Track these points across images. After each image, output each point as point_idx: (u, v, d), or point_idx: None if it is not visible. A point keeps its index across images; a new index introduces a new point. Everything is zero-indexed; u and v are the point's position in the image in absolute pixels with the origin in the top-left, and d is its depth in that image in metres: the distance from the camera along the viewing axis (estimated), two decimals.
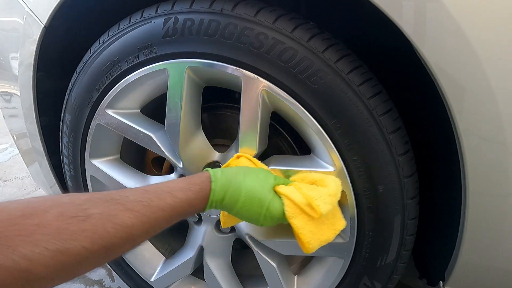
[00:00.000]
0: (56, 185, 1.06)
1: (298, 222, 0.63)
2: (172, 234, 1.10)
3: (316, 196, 0.62)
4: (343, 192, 0.67)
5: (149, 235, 0.54)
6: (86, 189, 0.96)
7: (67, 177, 0.98)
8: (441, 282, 0.74)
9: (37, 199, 0.46)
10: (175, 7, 0.69)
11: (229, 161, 0.72)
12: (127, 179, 0.90)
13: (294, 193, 0.63)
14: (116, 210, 0.49)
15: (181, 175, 0.86)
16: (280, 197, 0.64)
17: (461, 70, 0.53)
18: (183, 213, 0.58)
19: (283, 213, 0.63)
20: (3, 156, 2.62)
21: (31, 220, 0.42)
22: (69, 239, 0.44)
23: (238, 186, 0.62)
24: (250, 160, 0.71)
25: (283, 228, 0.71)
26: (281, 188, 0.64)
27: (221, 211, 0.72)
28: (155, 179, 0.91)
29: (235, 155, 0.73)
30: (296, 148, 0.85)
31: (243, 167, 0.68)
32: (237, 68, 0.67)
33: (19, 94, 0.93)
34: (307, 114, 0.66)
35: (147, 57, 0.73)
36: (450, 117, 0.57)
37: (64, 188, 1.05)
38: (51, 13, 0.78)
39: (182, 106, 0.73)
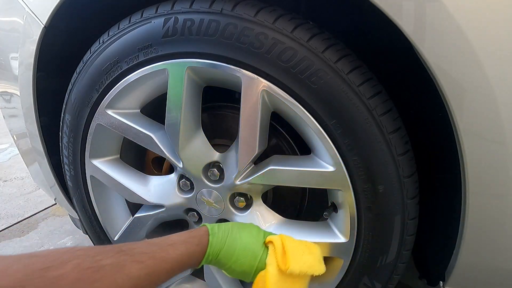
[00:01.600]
0: (56, 185, 1.06)
1: (271, 269, 0.66)
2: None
3: (295, 252, 0.67)
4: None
5: (153, 287, 0.58)
6: (86, 189, 0.96)
7: (67, 177, 0.98)
8: (441, 282, 0.74)
9: (55, 252, 0.51)
10: (175, 7, 0.69)
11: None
12: (127, 179, 0.90)
13: (277, 241, 0.68)
14: (124, 261, 0.54)
15: (181, 175, 0.86)
16: (267, 248, 0.69)
17: (461, 70, 0.53)
18: (183, 266, 0.63)
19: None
20: (3, 156, 2.62)
21: (52, 272, 0.47)
22: None
23: (234, 240, 0.68)
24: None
25: None
26: (270, 237, 0.70)
27: None
28: (155, 179, 0.91)
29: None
30: (296, 148, 0.85)
31: (237, 223, 0.74)
32: (237, 68, 0.67)
33: (19, 94, 0.93)
34: (307, 114, 0.66)
35: (147, 57, 0.73)
36: (450, 117, 0.57)
37: (64, 188, 1.05)
38: (51, 13, 0.78)
39: (182, 106, 0.73)
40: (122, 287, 0.52)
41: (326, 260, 0.84)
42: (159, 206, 0.90)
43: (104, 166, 0.91)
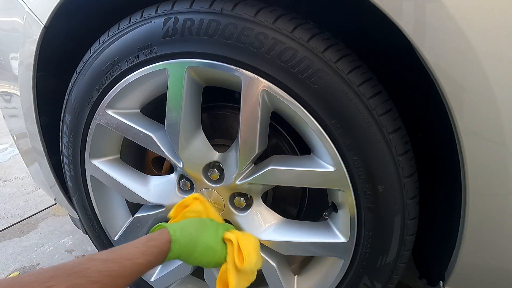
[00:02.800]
0: (56, 185, 1.06)
1: (231, 268, 0.73)
2: None
3: (248, 250, 0.74)
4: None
5: None
6: (86, 189, 0.96)
7: (67, 177, 0.98)
8: (441, 282, 0.74)
9: (2, 282, 0.47)
10: (175, 7, 0.69)
11: (184, 200, 0.81)
12: (127, 179, 0.90)
13: (234, 240, 0.74)
14: (79, 285, 0.51)
15: (181, 175, 0.86)
16: (225, 244, 0.75)
17: (461, 70, 0.53)
18: (142, 274, 0.63)
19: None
20: (3, 156, 2.62)
21: None
22: None
23: (195, 244, 0.70)
24: (204, 204, 0.80)
25: None
26: (227, 235, 0.75)
27: None
28: (155, 179, 0.91)
29: (192, 196, 0.81)
30: (296, 148, 0.85)
31: (197, 220, 0.76)
32: (237, 68, 0.67)
33: (19, 94, 0.93)
34: (307, 114, 0.66)
35: (147, 57, 0.73)
36: (450, 117, 0.57)
37: (64, 188, 1.05)
38: (51, 13, 0.78)
39: (182, 106, 0.73)
40: None
41: (326, 260, 0.84)
42: (159, 206, 0.90)
43: (104, 166, 0.91)
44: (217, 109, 0.89)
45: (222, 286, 0.75)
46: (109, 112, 0.82)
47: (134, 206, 0.99)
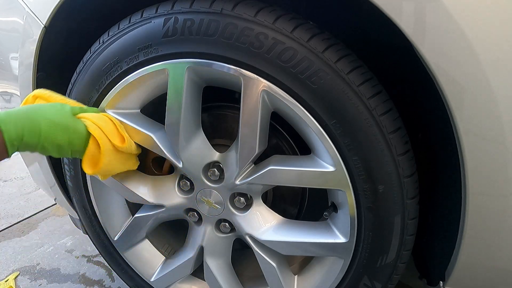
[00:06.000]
0: (56, 185, 1.06)
1: (105, 144, 0.67)
2: (172, 234, 1.10)
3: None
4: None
5: None
6: (86, 189, 0.96)
7: (67, 177, 0.98)
8: (441, 282, 0.74)
9: None
10: (175, 7, 0.69)
11: (24, 101, 0.72)
12: (127, 179, 0.90)
13: (104, 117, 0.69)
14: None
15: (181, 175, 0.86)
16: (82, 121, 0.67)
17: (461, 70, 0.53)
18: None
19: (87, 132, 0.66)
20: None
21: None
22: None
23: (35, 118, 0.61)
24: (47, 100, 0.71)
25: None
26: (85, 115, 0.68)
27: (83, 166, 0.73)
28: (155, 179, 0.91)
29: (32, 94, 0.72)
30: (296, 148, 0.85)
31: (34, 104, 0.68)
32: (237, 68, 0.67)
33: (19, 94, 0.93)
34: (307, 114, 0.66)
35: (147, 57, 0.73)
36: (450, 117, 0.57)
37: (64, 188, 1.05)
38: (51, 13, 0.78)
39: (182, 106, 0.73)
40: None
41: (326, 260, 0.84)
42: (159, 206, 0.90)
43: None
44: (217, 109, 0.89)
45: (90, 166, 0.69)
46: (109, 112, 0.82)
47: (134, 206, 0.99)
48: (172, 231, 1.10)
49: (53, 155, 0.67)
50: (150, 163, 1.03)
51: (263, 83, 0.66)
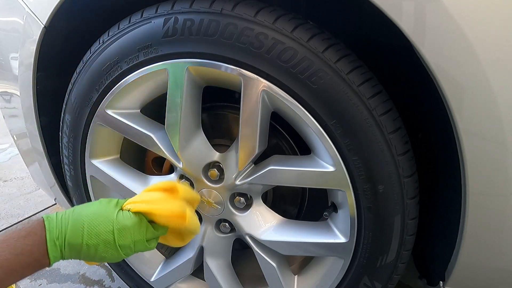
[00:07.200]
0: (56, 185, 1.06)
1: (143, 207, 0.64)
2: None
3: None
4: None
5: None
6: (86, 189, 0.96)
7: (67, 177, 0.98)
8: (441, 282, 0.74)
9: None
10: (175, 7, 0.69)
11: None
12: (127, 179, 0.90)
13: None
14: None
15: (181, 175, 0.86)
16: (126, 207, 0.63)
17: (461, 70, 0.53)
18: (18, 270, 0.54)
19: (136, 218, 0.62)
20: (3, 156, 2.62)
21: None
22: None
23: (79, 215, 0.59)
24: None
25: None
26: (131, 199, 0.65)
27: None
28: (155, 179, 0.91)
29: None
30: (296, 148, 0.85)
31: (84, 204, 0.66)
32: (237, 68, 0.67)
33: (19, 94, 0.93)
34: (307, 114, 0.66)
35: (147, 57, 0.73)
36: (450, 117, 0.57)
37: (64, 188, 1.05)
38: (51, 13, 0.78)
39: (182, 106, 0.73)
40: None
41: (326, 260, 0.84)
42: None
43: (104, 166, 0.90)
44: (217, 109, 0.89)
45: (177, 238, 0.69)
46: (109, 112, 0.82)
47: None
48: None
49: (107, 257, 0.60)
50: (150, 163, 1.03)
51: (263, 83, 0.66)
